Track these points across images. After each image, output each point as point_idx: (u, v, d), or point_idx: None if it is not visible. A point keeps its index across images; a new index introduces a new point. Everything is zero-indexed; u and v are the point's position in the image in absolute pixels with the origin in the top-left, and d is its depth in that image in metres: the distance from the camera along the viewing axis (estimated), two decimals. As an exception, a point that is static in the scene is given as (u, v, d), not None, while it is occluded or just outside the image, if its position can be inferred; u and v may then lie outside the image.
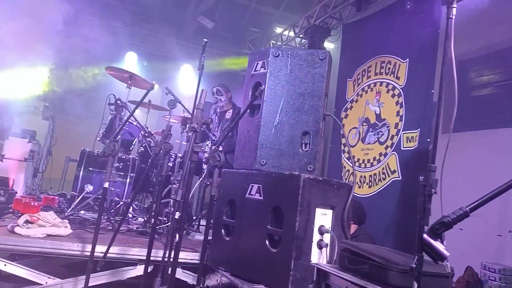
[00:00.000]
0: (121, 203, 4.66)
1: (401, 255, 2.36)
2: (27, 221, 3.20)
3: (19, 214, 4.02)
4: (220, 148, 3.92)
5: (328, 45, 8.39)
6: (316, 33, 7.92)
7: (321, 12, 8.14)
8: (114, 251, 3.23)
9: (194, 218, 4.60)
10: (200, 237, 4.18)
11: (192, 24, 11.01)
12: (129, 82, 5.01)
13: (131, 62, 9.98)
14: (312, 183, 2.91)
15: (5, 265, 2.98)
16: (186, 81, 10.49)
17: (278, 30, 10.85)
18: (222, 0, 10.18)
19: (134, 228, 4.13)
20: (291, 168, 3.25)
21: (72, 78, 7.01)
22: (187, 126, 4.85)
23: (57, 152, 6.75)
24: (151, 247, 2.71)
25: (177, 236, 2.34)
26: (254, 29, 11.37)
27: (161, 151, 2.78)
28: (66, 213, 4.24)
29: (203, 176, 4.64)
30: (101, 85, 8.42)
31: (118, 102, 4.78)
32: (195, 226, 4.52)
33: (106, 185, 2.96)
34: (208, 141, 4.87)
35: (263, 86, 3.25)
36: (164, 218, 4.36)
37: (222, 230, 3.36)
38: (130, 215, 4.65)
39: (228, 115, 5.56)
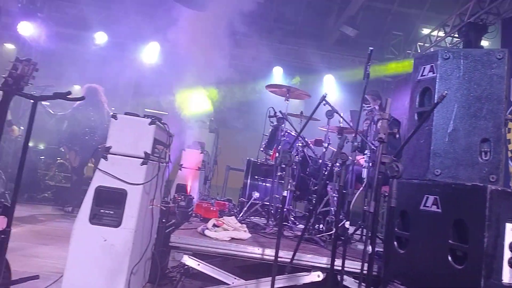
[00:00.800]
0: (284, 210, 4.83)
1: None
2: (214, 225, 3.51)
3: (201, 218, 4.45)
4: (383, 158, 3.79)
5: (483, 43, 7.62)
6: (471, 31, 7.27)
7: (475, 8, 7.45)
8: (289, 256, 3.34)
9: (356, 227, 4.54)
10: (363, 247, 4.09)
11: (332, 35, 11.03)
12: (287, 95, 5.19)
13: (278, 76, 10.36)
14: (501, 195, 2.63)
15: (198, 264, 3.30)
16: (329, 91, 10.50)
17: (425, 31, 10.23)
18: (363, 7, 9.98)
19: (300, 235, 4.22)
20: (470, 179, 2.99)
21: (232, 95, 7.59)
22: (344, 135, 4.83)
23: (220, 161, 7.35)
24: (334, 256, 2.74)
25: (369, 247, 2.32)
26: (397, 33, 10.91)
27: (337, 161, 2.80)
28: (238, 218, 4.54)
29: (363, 186, 4.55)
30: (255, 100, 8.97)
31: (279, 114, 4.98)
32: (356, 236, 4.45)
33: (285, 193, 3.08)
34: (367, 151, 4.77)
35: (445, 92, 3.05)
36: (322, 226, 4.38)
37: (395, 242, 3.24)
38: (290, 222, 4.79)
39: (380, 125, 5.37)
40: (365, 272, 3.39)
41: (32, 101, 2.14)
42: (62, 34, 9.56)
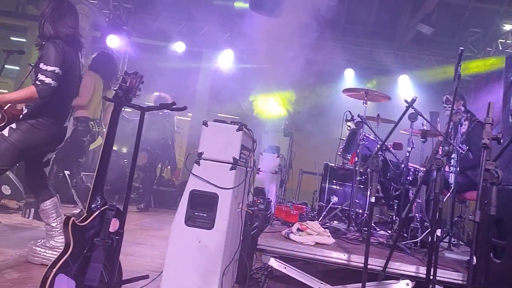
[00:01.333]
0: (364, 215, 4.73)
1: None
2: (298, 229, 3.52)
3: (283, 221, 4.48)
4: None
5: None
6: None
7: None
8: (377, 263, 3.26)
9: (445, 235, 4.32)
10: (451, 255, 3.89)
11: (406, 34, 10.61)
12: (366, 98, 5.08)
13: (350, 78, 10.17)
14: None
15: (284, 267, 3.33)
16: (404, 92, 10.10)
17: (507, 27, 9.53)
18: (439, 4, 9.49)
19: (385, 241, 4.11)
20: None
21: (304, 98, 7.59)
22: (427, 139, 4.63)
23: (293, 164, 7.37)
24: (431, 265, 2.63)
25: (474, 258, 2.20)
26: (475, 30, 10.26)
27: (432, 167, 2.68)
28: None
29: (450, 192, 4.33)
30: (327, 103, 8.89)
31: (357, 118, 4.89)
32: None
33: (373, 199, 3.01)
34: (453, 155, 4.53)
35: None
36: (406, 233, 4.21)
37: (491, 252, 3.04)
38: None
39: (464, 127, 5.08)
40: (454, 281, 3.23)
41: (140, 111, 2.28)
42: (144, 45, 10.14)
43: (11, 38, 14.22)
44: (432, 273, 2.79)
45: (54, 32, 3.06)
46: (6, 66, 3.70)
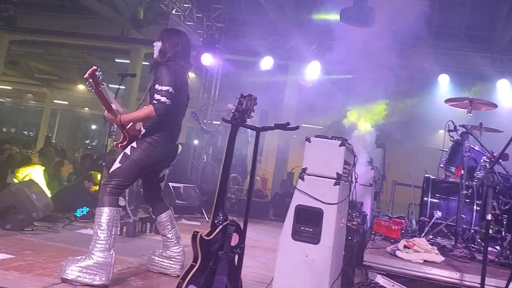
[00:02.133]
0: (471, 231, 4.41)
1: None
2: (405, 246, 3.39)
3: (383, 236, 4.35)
4: None
5: None
6: None
7: None
8: (491, 283, 3.03)
9: None
10: None
11: (503, 36, 9.80)
12: (470, 107, 4.77)
13: (445, 84, 9.60)
14: None
15: (392, 285, 3.21)
16: (504, 98, 9.29)
17: None
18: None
19: (496, 259, 3.80)
20: None
21: (396, 108, 7.33)
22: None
23: (387, 176, 7.11)
24: None
25: None
26: None
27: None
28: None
29: None
30: (420, 112, 8.49)
31: (460, 128, 4.60)
32: None
33: (489, 217, 2.81)
34: None
35: None
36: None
37: None
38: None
39: None
40: None
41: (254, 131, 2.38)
42: (235, 61, 10.53)
43: (116, 60, 15.60)
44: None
45: (170, 56, 3.31)
46: (110, 85, 4.01)
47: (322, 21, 8.59)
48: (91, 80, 2.92)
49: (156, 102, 3.11)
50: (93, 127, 27.96)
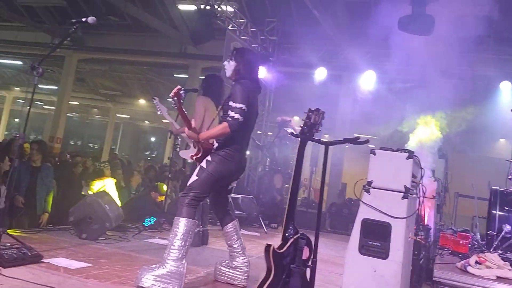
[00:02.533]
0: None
1: None
2: (476, 262, 3.23)
3: (450, 251, 4.17)
4: None
5: None
6: None
7: None
8: None
9: None
10: None
11: None
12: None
13: (506, 91, 9.07)
14: None
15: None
16: None
17: None
18: None
19: None
20: None
21: (457, 117, 7.01)
22: None
23: (449, 187, 6.81)
24: None
25: None
26: None
27: None
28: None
29: None
30: (481, 121, 8.06)
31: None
32: None
33: None
34: None
35: None
36: None
37: None
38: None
39: None
40: None
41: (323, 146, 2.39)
42: (289, 73, 10.58)
43: (174, 75, 16.18)
44: None
45: (244, 75, 3.41)
46: (169, 99, 4.08)
47: (377, 30, 8.44)
48: (176, 98, 3.08)
49: (230, 119, 3.20)
50: (152, 139, 29.15)
